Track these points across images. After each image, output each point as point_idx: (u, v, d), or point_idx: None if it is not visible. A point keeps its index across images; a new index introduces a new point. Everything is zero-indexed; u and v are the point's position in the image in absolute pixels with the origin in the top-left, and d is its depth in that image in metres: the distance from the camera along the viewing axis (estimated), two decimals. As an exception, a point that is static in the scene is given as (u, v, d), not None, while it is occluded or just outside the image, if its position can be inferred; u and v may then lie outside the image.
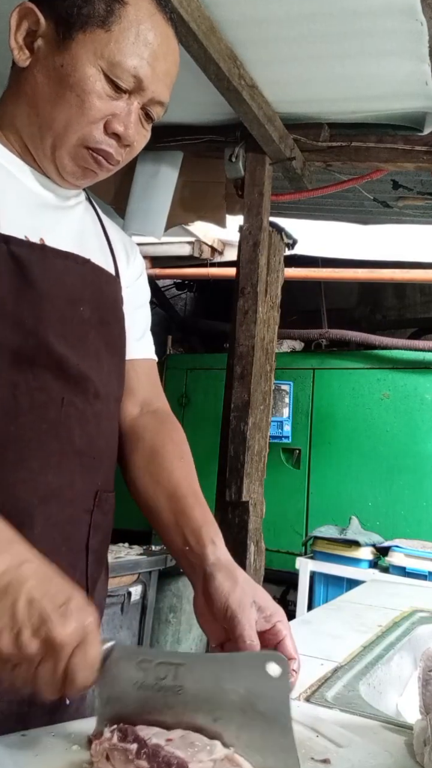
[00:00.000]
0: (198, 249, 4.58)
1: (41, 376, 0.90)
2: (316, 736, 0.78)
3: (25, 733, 0.74)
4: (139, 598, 3.00)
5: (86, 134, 0.91)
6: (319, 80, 2.35)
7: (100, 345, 1.00)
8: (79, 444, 0.95)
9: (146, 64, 0.90)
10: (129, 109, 0.92)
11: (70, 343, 0.94)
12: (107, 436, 1.02)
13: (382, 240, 4.10)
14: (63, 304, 0.93)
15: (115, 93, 0.91)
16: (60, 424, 0.92)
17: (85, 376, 0.96)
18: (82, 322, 0.96)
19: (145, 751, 0.62)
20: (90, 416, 0.96)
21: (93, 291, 0.99)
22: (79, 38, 0.89)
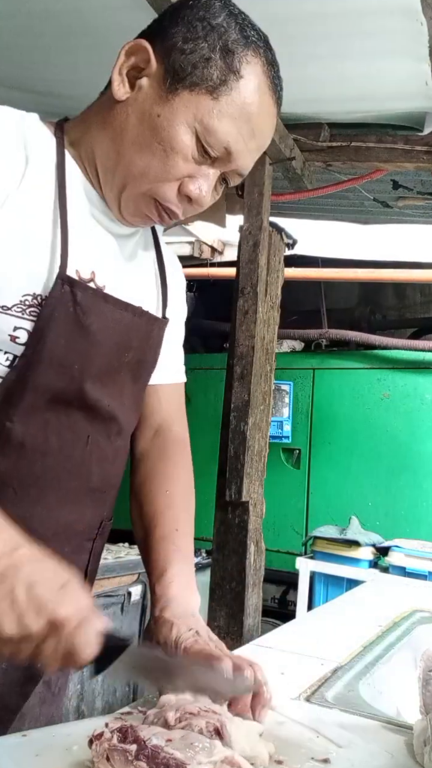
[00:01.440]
0: (198, 249, 4.58)
1: (73, 416, 0.92)
2: (317, 736, 0.78)
3: (25, 734, 0.74)
4: (139, 598, 3.00)
5: (158, 188, 0.89)
6: (319, 80, 2.35)
7: (126, 379, 1.00)
8: (95, 482, 0.98)
9: (241, 140, 0.88)
10: (209, 174, 0.90)
11: (105, 386, 0.95)
12: (119, 470, 1.04)
13: (382, 240, 4.10)
14: (111, 353, 0.94)
15: (202, 157, 0.88)
16: (82, 463, 0.95)
17: (113, 416, 0.97)
18: (120, 366, 0.97)
19: (145, 753, 0.62)
20: (110, 453, 0.99)
21: (141, 339, 0.99)
22: (184, 96, 0.86)
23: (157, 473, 1.09)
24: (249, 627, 2.51)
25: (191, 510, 1.08)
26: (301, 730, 0.79)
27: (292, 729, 0.79)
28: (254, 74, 0.87)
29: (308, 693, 0.95)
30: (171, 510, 1.04)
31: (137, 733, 0.65)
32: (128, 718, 0.78)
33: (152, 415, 1.13)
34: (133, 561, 2.98)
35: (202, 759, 0.61)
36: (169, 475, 1.09)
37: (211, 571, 2.63)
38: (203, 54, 0.85)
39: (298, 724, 0.80)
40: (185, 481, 1.10)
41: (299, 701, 0.91)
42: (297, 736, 0.75)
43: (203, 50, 0.85)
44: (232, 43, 0.86)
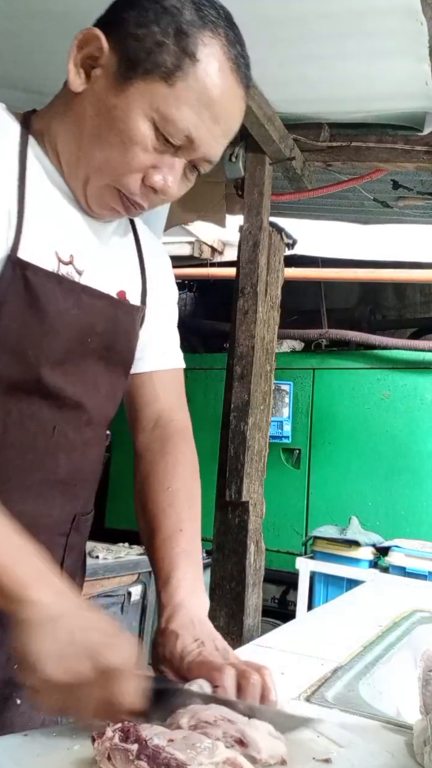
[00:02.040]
0: (198, 249, 4.58)
1: (35, 405, 0.88)
2: (317, 736, 0.78)
3: (26, 734, 0.74)
4: (139, 598, 3.00)
5: (121, 180, 0.86)
6: (319, 80, 2.35)
7: (98, 369, 0.96)
8: (62, 474, 0.93)
9: (203, 127, 0.83)
10: (173, 163, 0.86)
11: (69, 374, 0.91)
12: (92, 462, 1.00)
13: (382, 240, 4.10)
14: (71, 339, 0.90)
15: (163, 146, 0.84)
16: (47, 454, 0.91)
17: (80, 405, 0.93)
18: (85, 353, 0.93)
19: (146, 753, 0.62)
20: (79, 444, 0.95)
21: (107, 324, 0.95)
22: (139, 85, 0.82)
23: (158, 469, 1.04)
24: (249, 627, 2.51)
25: (195, 506, 1.03)
26: (301, 729, 0.79)
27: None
28: (212, 56, 0.82)
29: (308, 693, 0.95)
30: (173, 508, 0.99)
31: (139, 732, 0.65)
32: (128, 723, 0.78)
33: (150, 404, 1.08)
34: (133, 561, 2.98)
35: (204, 760, 0.61)
36: (170, 470, 1.03)
37: (211, 571, 2.63)
38: (156, 39, 0.80)
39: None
40: (188, 474, 1.05)
41: (299, 701, 0.91)
42: (298, 735, 0.75)
43: (155, 35, 0.80)
44: (186, 24, 0.81)
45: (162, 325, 1.10)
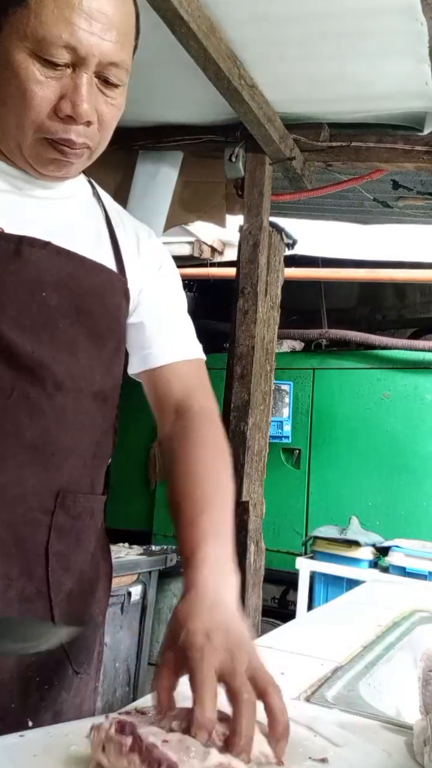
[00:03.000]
0: (198, 249, 4.58)
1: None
2: (314, 735, 0.78)
3: (23, 734, 0.74)
4: (139, 598, 3.00)
5: (40, 126, 0.84)
6: (319, 80, 2.35)
7: (76, 335, 0.93)
8: (30, 438, 0.87)
9: (77, 30, 0.79)
10: (76, 84, 0.82)
11: (27, 330, 0.87)
12: (75, 432, 0.93)
13: (382, 240, 4.10)
14: (15, 289, 0.87)
15: (56, 71, 0.81)
16: (6, 416, 0.86)
17: (42, 366, 0.88)
18: (45, 309, 0.89)
19: (139, 747, 0.62)
20: (47, 409, 0.89)
21: (60, 276, 0.91)
22: (4, 26, 0.81)
23: (180, 455, 0.98)
24: (249, 627, 2.51)
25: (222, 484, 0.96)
26: (298, 729, 0.79)
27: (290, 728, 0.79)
28: None
29: (308, 693, 0.95)
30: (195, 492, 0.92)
31: (135, 729, 0.64)
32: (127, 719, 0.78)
33: (167, 397, 1.04)
34: (133, 561, 2.98)
35: (196, 764, 0.61)
36: (191, 454, 0.97)
37: (211, 571, 2.62)
38: None
39: (295, 724, 0.80)
40: (211, 454, 0.99)
41: (299, 701, 0.91)
42: (295, 735, 0.75)
43: None
44: None
45: (168, 316, 1.07)
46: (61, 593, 0.92)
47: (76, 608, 0.96)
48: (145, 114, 2.75)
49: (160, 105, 2.65)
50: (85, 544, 0.97)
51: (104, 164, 3.32)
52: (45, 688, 0.91)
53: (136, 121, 2.81)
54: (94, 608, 1.00)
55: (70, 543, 0.93)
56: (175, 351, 1.06)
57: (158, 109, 2.70)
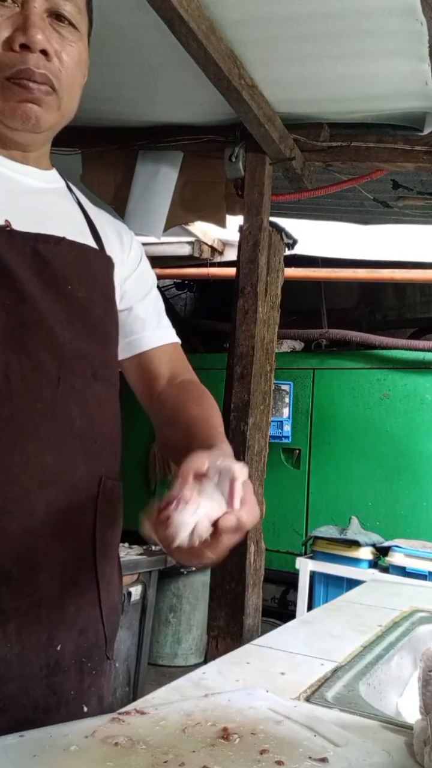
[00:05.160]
0: (198, 249, 4.58)
1: (34, 356, 0.87)
2: (314, 735, 0.78)
3: (23, 734, 0.74)
4: (139, 598, 3.00)
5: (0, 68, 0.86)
6: (319, 80, 2.35)
7: (109, 325, 0.97)
8: (79, 426, 0.90)
9: None
10: (25, 15, 0.86)
11: (64, 322, 0.90)
12: (109, 421, 0.97)
13: (382, 240, 4.10)
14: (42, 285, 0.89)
15: (2, 8, 0.85)
16: (57, 404, 0.88)
17: (82, 355, 0.91)
18: (75, 302, 0.92)
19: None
20: (89, 397, 0.92)
21: (80, 269, 0.94)
22: None
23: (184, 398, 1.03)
24: (249, 627, 2.51)
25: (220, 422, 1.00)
26: (298, 729, 0.79)
27: (289, 728, 0.79)
28: None
29: (308, 693, 0.95)
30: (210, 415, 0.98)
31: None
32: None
33: (157, 376, 1.09)
34: (133, 561, 2.98)
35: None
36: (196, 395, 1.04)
37: (211, 571, 2.63)
38: None
39: (296, 724, 0.80)
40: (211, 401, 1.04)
41: (299, 701, 0.91)
42: (295, 735, 0.75)
43: None
44: None
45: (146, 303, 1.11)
46: (104, 579, 0.95)
47: (112, 594, 0.99)
48: (145, 114, 2.75)
49: (160, 105, 2.65)
50: (118, 529, 1.01)
51: (104, 164, 3.32)
52: (93, 674, 0.94)
53: (136, 121, 2.81)
54: (116, 596, 1.03)
55: (108, 528, 0.97)
56: (164, 334, 1.12)
57: (158, 109, 2.70)
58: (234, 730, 0.77)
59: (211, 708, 0.84)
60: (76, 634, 0.90)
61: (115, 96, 2.55)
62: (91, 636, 0.93)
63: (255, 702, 0.86)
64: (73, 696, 0.90)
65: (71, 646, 0.90)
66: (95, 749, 0.71)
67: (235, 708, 0.84)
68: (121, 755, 0.70)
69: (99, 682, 0.96)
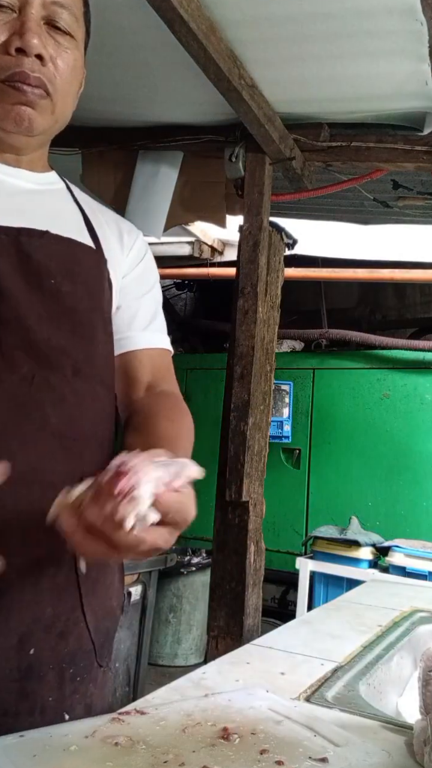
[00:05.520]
0: (198, 249, 4.58)
1: (8, 354, 0.86)
2: (314, 735, 0.78)
3: (23, 734, 0.74)
4: (139, 598, 3.00)
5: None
6: (319, 80, 2.35)
7: (96, 321, 0.96)
8: (55, 424, 0.89)
9: None
10: (22, 21, 0.88)
11: (44, 318, 0.89)
12: (93, 418, 0.95)
13: (382, 240, 4.10)
14: (23, 280, 0.88)
15: (1, 14, 0.87)
16: (30, 402, 0.87)
17: (61, 352, 0.90)
18: (59, 296, 0.91)
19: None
20: (68, 395, 0.91)
21: (65, 263, 0.93)
22: None
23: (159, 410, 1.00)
24: (249, 627, 2.51)
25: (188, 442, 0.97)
26: (298, 729, 0.79)
27: (289, 728, 0.79)
28: None
29: (308, 693, 0.95)
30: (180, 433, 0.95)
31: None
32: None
33: (138, 380, 1.07)
34: (133, 561, 2.98)
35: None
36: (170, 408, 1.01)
37: (211, 571, 2.63)
38: None
39: (296, 724, 0.80)
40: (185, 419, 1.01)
41: (299, 701, 0.91)
42: (295, 735, 0.75)
43: None
44: None
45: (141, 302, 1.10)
46: (87, 582, 0.93)
47: (101, 599, 0.96)
48: (145, 114, 2.74)
49: (160, 105, 2.65)
50: None
51: (104, 164, 3.32)
52: (77, 681, 0.91)
53: (136, 121, 2.81)
54: (113, 601, 1.01)
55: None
56: (152, 338, 1.10)
57: (158, 109, 2.70)
58: (234, 730, 0.77)
59: (211, 708, 0.84)
60: (54, 638, 0.88)
61: (115, 96, 2.55)
62: (73, 641, 0.90)
63: (255, 702, 0.86)
64: (51, 702, 0.87)
65: (47, 651, 0.87)
66: (95, 749, 0.71)
67: (235, 708, 0.84)
68: (121, 755, 0.70)
69: (86, 689, 0.93)
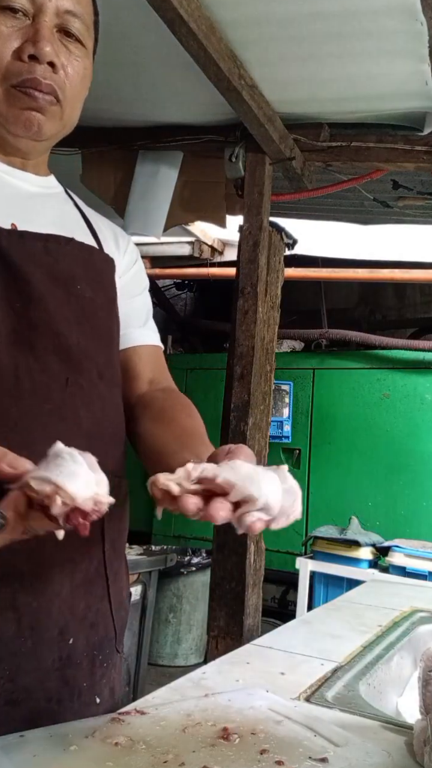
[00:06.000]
0: (198, 249, 4.58)
1: (43, 358, 0.89)
2: (314, 735, 0.78)
3: (23, 734, 0.74)
4: (139, 598, 3.00)
5: (5, 73, 0.89)
6: (319, 80, 2.35)
7: (112, 326, 1.00)
8: (86, 426, 0.92)
9: None
10: (36, 29, 0.89)
11: (71, 322, 0.92)
12: (113, 419, 0.99)
13: (382, 240, 4.10)
14: (52, 285, 0.91)
15: (16, 20, 0.88)
16: (65, 405, 0.90)
17: (88, 356, 0.94)
18: (83, 302, 0.95)
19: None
20: (95, 397, 0.95)
21: (87, 269, 0.97)
22: None
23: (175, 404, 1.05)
24: (249, 627, 2.51)
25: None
26: (299, 729, 0.79)
27: (289, 728, 0.79)
28: None
29: (308, 693, 0.95)
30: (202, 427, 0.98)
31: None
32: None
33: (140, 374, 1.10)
34: (133, 561, 2.98)
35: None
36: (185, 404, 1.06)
37: (211, 571, 2.63)
38: None
39: (296, 724, 0.80)
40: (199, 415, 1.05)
41: (299, 701, 0.91)
42: (295, 735, 0.75)
43: None
44: None
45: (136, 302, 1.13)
46: (112, 574, 0.98)
47: (120, 589, 1.02)
48: (145, 114, 2.74)
49: (160, 105, 2.65)
50: (123, 525, 1.04)
51: (104, 164, 3.32)
52: (105, 666, 0.96)
53: (136, 121, 2.81)
54: (124, 591, 1.05)
55: (115, 526, 0.98)
56: (148, 335, 1.13)
57: (158, 109, 2.70)
58: (234, 730, 0.77)
59: (211, 708, 0.84)
60: (87, 628, 0.93)
61: (115, 96, 2.55)
62: (101, 629, 0.95)
63: (255, 702, 0.86)
64: (86, 687, 0.92)
65: (83, 640, 0.92)
66: (95, 749, 0.71)
67: (235, 708, 0.84)
68: (121, 755, 0.70)
69: (110, 674, 0.98)
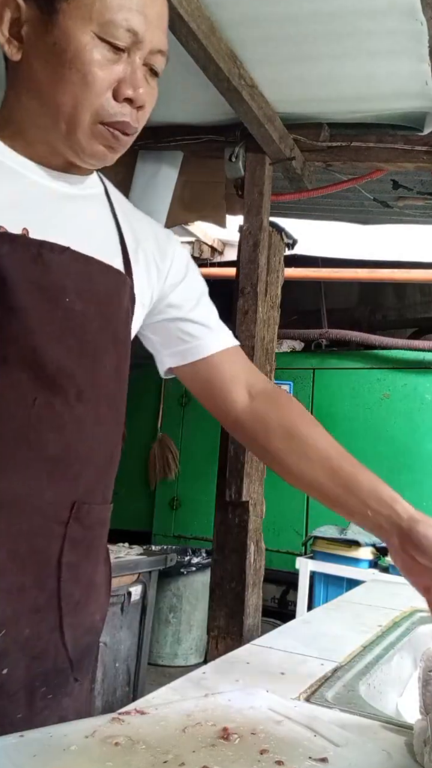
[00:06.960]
0: (198, 249, 4.58)
1: (14, 374, 0.84)
2: (314, 735, 0.78)
3: (23, 734, 0.74)
4: (139, 598, 2.99)
5: (98, 109, 0.87)
6: (319, 80, 2.35)
7: (104, 341, 0.93)
8: (53, 450, 0.87)
9: (137, 14, 0.86)
10: (133, 68, 0.88)
11: (53, 338, 0.86)
12: (91, 442, 0.92)
13: (382, 240, 4.10)
14: (39, 296, 0.85)
15: (114, 55, 0.86)
16: (29, 426, 0.85)
17: (66, 375, 0.87)
18: (71, 315, 0.88)
19: None
20: (68, 420, 0.88)
21: (81, 281, 0.90)
22: (64, 9, 0.84)
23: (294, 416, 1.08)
24: (249, 627, 2.51)
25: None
26: (298, 729, 0.79)
27: (289, 728, 0.79)
28: None
29: (308, 693, 0.95)
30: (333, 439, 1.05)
31: None
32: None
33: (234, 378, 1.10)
34: (133, 561, 2.98)
35: None
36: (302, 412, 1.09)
37: (211, 571, 2.63)
38: None
39: (296, 724, 0.80)
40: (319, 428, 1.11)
41: (299, 701, 0.91)
42: (295, 735, 0.75)
43: None
44: None
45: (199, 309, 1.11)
46: (70, 603, 0.92)
47: (82, 618, 0.95)
48: (145, 114, 2.74)
49: (160, 105, 2.62)
50: (94, 553, 0.97)
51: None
52: (49, 698, 0.91)
53: (136, 121, 2.81)
54: (97, 615, 1.00)
55: (81, 553, 0.93)
56: (224, 338, 1.12)
57: (158, 109, 2.67)
58: (234, 730, 0.77)
59: (211, 708, 0.84)
60: (28, 659, 0.87)
61: (115, 96, 2.55)
62: (47, 661, 0.90)
63: (255, 702, 0.86)
64: (20, 719, 0.87)
65: (21, 671, 0.87)
66: (95, 749, 0.71)
67: (235, 708, 0.84)
68: (121, 755, 0.70)
69: (58, 704, 0.93)
